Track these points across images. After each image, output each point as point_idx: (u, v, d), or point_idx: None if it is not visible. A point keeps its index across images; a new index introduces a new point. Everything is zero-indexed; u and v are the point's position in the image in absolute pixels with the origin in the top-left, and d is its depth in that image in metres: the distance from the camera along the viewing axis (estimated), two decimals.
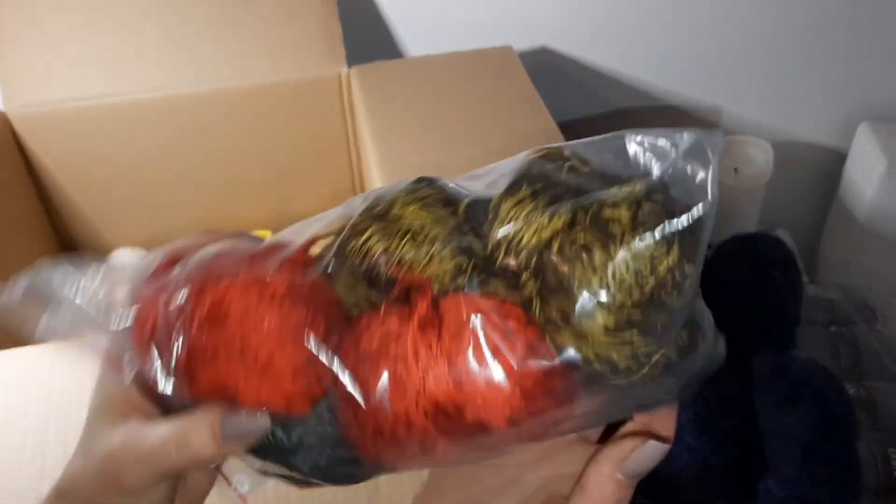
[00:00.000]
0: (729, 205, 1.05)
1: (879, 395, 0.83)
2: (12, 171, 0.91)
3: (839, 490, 0.68)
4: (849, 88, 1.13)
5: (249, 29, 0.91)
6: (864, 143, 1.10)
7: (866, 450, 0.76)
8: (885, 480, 0.75)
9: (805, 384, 0.72)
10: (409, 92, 0.91)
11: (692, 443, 0.69)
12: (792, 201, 1.25)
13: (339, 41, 0.93)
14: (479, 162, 0.37)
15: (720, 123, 1.17)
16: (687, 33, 1.08)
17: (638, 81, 1.13)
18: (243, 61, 0.91)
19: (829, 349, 0.89)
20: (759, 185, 1.04)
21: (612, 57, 1.11)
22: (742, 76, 1.12)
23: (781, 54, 1.10)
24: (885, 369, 0.87)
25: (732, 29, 1.07)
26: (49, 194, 0.96)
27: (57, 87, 0.89)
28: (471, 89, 0.92)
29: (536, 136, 0.83)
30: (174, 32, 0.90)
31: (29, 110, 0.89)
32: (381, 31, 1.06)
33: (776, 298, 0.82)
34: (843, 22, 1.06)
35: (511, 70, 0.96)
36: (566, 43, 1.09)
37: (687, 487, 0.70)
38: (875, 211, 1.08)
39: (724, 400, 0.72)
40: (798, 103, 1.15)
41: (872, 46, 1.08)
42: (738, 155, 1.07)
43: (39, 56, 0.89)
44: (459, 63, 0.97)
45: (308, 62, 0.92)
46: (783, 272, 0.86)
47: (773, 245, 0.89)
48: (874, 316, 0.95)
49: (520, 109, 0.88)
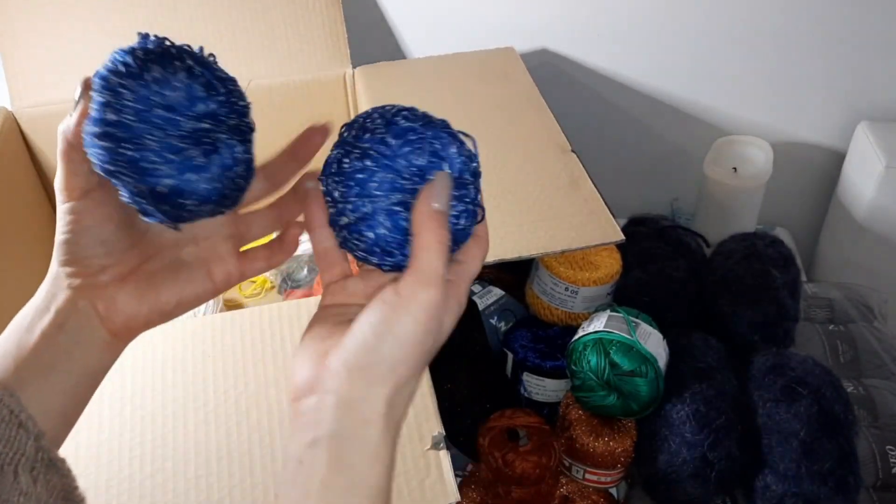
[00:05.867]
0: (728, 204, 1.05)
1: (878, 393, 0.84)
2: (20, 170, 0.91)
3: (837, 486, 0.68)
4: (848, 88, 1.14)
5: (256, 30, 0.92)
6: (862, 142, 1.10)
7: (865, 446, 0.77)
8: (884, 477, 0.76)
9: (803, 381, 0.73)
10: (412, 92, 0.92)
11: (691, 438, 0.70)
12: (791, 200, 1.26)
13: (344, 42, 0.94)
14: (483, 160, 0.39)
15: (720, 123, 1.18)
16: (686, 34, 1.09)
17: (637, 82, 1.14)
18: (250, 62, 0.92)
19: (828, 347, 0.90)
20: (759, 185, 1.04)
21: (611, 58, 1.11)
22: (741, 76, 1.13)
23: (780, 54, 1.10)
24: (883, 367, 0.88)
25: (731, 29, 1.08)
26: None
27: (64, 86, 0.90)
28: (474, 89, 0.92)
29: (539, 135, 0.84)
30: (181, 34, 0.91)
31: (36, 110, 0.90)
32: (385, 32, 1.07)
33: (775, 297, 0.83)
34: (841, 22, 1.07)
35: (513, 70, 0.96)
36: (566, 44, 1.10)
37: (686, 482, 0.71)
38: (874, 210, 1.09)
39: (722, 396, 0.73)
40: (797, 103, 1.16)
41: (871, 47, 1.09)
42: (738, 154, 1.07)
43: (47, 56, 0.90)
44: (462, 63, 0.98)
45: (313, 63, 0.93)
46: (782, 271, 0.87)
47: (773, 244, 0.90)
48: (872, 314, 0.96)
49: (523, 108, 0.89)
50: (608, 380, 0.72)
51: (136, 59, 0.35)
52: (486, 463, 0.72)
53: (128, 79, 0.35)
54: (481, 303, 0.88)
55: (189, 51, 0.37)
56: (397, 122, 0.37)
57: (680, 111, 1.17)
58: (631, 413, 0.73)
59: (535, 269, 0.86)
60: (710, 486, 0.71)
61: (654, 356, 0.72)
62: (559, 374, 0.81)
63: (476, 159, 0.39)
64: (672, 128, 1.19)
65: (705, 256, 0.94)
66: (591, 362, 0.73)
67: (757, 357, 0.78)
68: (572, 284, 0.82)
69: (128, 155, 0.34)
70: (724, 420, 0.71)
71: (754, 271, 0.85)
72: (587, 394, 0.74)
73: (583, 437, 0.74)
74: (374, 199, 0.37)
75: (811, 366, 0.74)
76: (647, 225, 0.95)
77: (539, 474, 0.70)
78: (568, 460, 0.76)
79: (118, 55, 0.36)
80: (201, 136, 0.36)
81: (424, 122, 0.38)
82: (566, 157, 0.81)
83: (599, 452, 0.73)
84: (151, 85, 0.35)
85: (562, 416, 0.78)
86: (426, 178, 0.37)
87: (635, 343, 0.72)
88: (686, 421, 0.71)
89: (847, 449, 0.69)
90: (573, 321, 0.84)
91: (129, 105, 0.34)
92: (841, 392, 0.73)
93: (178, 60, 0.36)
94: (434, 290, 0.35)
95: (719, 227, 1.02)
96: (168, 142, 0.35)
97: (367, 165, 0.37)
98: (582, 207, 0.74)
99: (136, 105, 0.35)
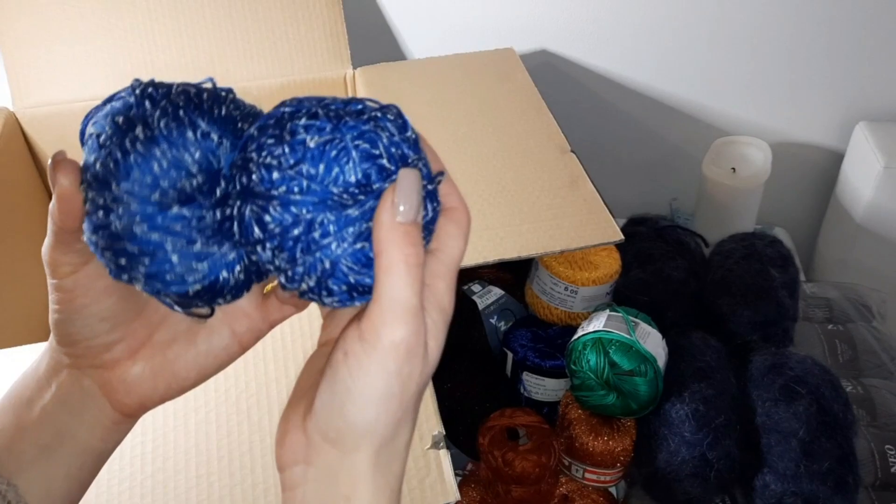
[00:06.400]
0: (727, 204, 1.05)
1: (877, 392, 0.84)
2: (21, 170, 0.91)
3: (836, 485, 0.69)
4: (846, 89, 1.14)
5: (256, 31, 0.92)
6: (861, 142, 1.10)
7: (864, 446, 0.77)
8: (883, 476, 0.76)
9: (802, 381, 0.73)
10: (412, 92, 0.92)
11: (691, 438, 0.70)
12: (790, 200, 1.26)
13: (345, 43, 0.94)
14: (483, 160, 0.38)
15: (719, 124, 1.18)
16: (685, 35, 1.09)
17: (636, 83, 1.14)
18: (250, 62, 0.92)
19: (827, 347, 0.90)
20: (758, 185, 1.04)
21: (611, 58, 1.12)
22: (740, 77, 1.13)
23: (779, 55, 1.10)
24: (882, 366, 0.88)
25: (730, 30, 1.08)
26: None
27: (65, 87, 0.90)
28: (474, 89, 0.93)
29: (539, 135, 0.84)
30: (182, 34, 0.91)
31: (38, 110, 0.90)
32: (385, 33, 1.07)
33: (774, 296, 0.83)
34: (840, 22, 1.07)
35: (513, 71, 0.96)
36: (566, 45, 1.10)
37: (685, 482, 0.71)
38: (872, 210, 1.09)
39: (722, 396, 0.73)
40: (796, 103, 1.16)
41: (870, 47, 1.09)
42: (737, 155, 1.07)
43: (48, 56, 0.90)
44: (462, 64, 0.98)
45: (314, 63, 0.94)
46: (781, 271, 0.87)
47: (772, 244, 0.90)
48: (871, 314, 0.96)
49: (522, 109, 0.89)
50: (607, 379, 0.72)
51: (131, 134, 0.28)
52: (486, 462, 0.72)
53: (127, 167, 0.28)
54: (481, 302, 0.88)
55: (200, 99, 0.29)
56: (297, 134, 0.28)
57: (679, 111, 1.17)
58: (630, 412, 0.73)
59: (535, 269, 0.86)
60: (709, 486, 0.71)
61: (654, 356, 0.73)
62: (559, 374, 0.81)
63: (407, 127, 0.30)
64: (671, 128, 1.19)
65: (704, 256, 0.94)
66: (591, 362, 0.73)
67: (756, 357, 0.78)
68: (572, 284, 0.82)
69: (144, 271, 0.29)
70: (723, 419, 0.71)
71: (753, 271, 0.85)
72: (586, 393, 0.74)
73: (582, 437, 0.74)
74: (324, 249, 0.28)
75: (810, 365, 0.74)
76: (646, 225, 0.95)
77: (539, 473, 0.70)
78: (567, 459, 0.77)
79: (104, 124, 0.28)
80: (229, 226, 0.29)
81: (332, 115, 0.29)
82: (566, 157, 0.81)
83: (599, 452, 0.74)
84: (160, 174, 0.28)
85: (561, 416, 0.78)
86: (375, 187, 0.28)
87: (634, 343, 0.72)
88: (685, 420, 0.71)
89: (846, 448, 0.69)
90: (573, 321, 0.84)
91: (134, 210, 0.28)
92: (840, 391, 0.73)
93: (188, 117, 0.29)
94: (402, 328, 0.27)
95: (718, 227, 1.02)
96: (191, 250, 0.29)
97: (298, 213, 0.28)
98: (581, 207, 0.74)
99: (144, 210, 0.28)
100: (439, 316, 0.29)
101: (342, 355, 0.28)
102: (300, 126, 0.28)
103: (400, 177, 0.28)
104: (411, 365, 0.28)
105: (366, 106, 0.29)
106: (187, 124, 0.29)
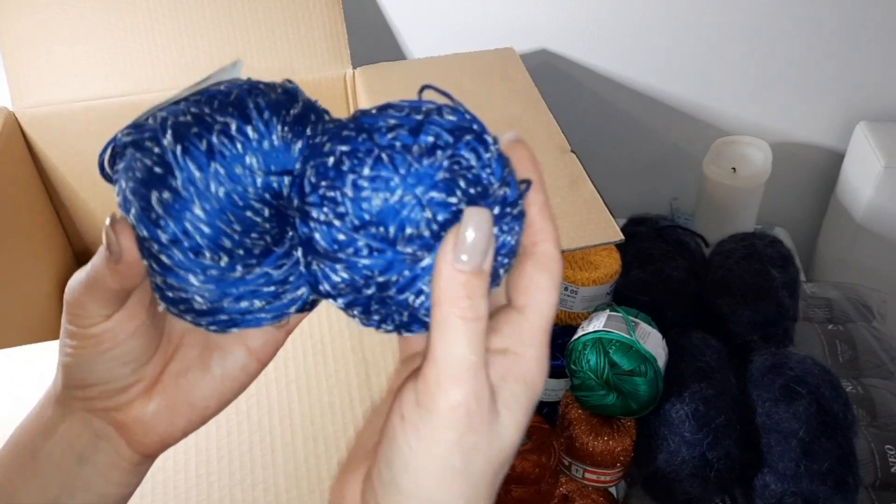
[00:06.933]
0: (728, 204, 1.06)
1: (876, 392, 0.84)
2: (21, 170, 0.91)
3: (836, 485, 0.69)
4: (846, 88, 1.14)
5: (256, 31, 0.92)
6: (861, 142, 1.11)
7: (864, 446, 0.77)
8: (883, 476, 0.76)
9: (802, 381, 0.73)
10: (412, 92, 0.92)
11: (691, 438, 0.70)
12: (790, 200, 1.26)
13: (345, 43, 0.94)
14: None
15: (719, 124, 1.18)
16: (685, 35, 1.09)
17: (636, 82, 1.14)
18: (250, 62, 0.92)
19: (827, 347, 0.90)
20: (758, 185, 1.04)
21: (611, 58, 1.12)
22: (740, 76, 1.13)
23: (779, 55, 1.10)
24: (882, 366, 0.88)
25: (730, 30, 1.08)
26: (57, 193, 0.97)
27: (65, 86, 0.90)
28: (474, 89, 0.92)
29: (539, 135, 0.84)
30: (182, 34, 0.91)
31: (37, 110, 0.90)
32: (385, 33, 1.07)
33: (774, 296, 0.83)
34: (840, 22, 1.07)
35: (513, 70, 0.96)
36: (566, 44, 1.10)
37: (685, 482, 0.71)
38: (872, 210, 1.09)
39: (722, 396, 0.73)
40: (796, 103, 1.16)
41: (870, 47, 1.09)
42: (737, 154, 1.07)
43: (48, 56, 0.90)
44: (462, 63, 0.98)
45: (314, 63, 0.94)
46: (781, 271, 0.87)
47: (772, 244, 0.90)
48: (871, 314, 0.96)
49: (522, 108, 0.89)
50: (607, 379, 0.72)
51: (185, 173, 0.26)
52: None
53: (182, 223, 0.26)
54: None
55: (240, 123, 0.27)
56: (361, 190, 0.25)
57: (679, 111, 1.17)
58: (630, 412, 0.73)
59: None
60: (709, 486, 0.71)
61: (654, 356, 0.73)
62: (558, 374, 0.81)
63: (488, 146, 0.26)
64: (671, 128, 1.19)
65: (704, 256, 0.94)
66: (591, 362, 0.73)
67: (756, 356, 0.78)
68: (572, 284, 0.82)
69: (207, 320, 0.28)
70: (723, 419, 0.71)
71: (753, 271, 0.85)
72: (586, 393, 0.74)
73: (582, 437, 0.74)
74: (401, 303, 0.26)
75: (810, 365, 0.74)
76: (646, 225, 0.95)
77: (539, 473, 0.70)
78: (567, 459, 0.77)
79: (151, 155, 0.26)
80: (288, 276, 0.28)
81: (398, 160, 0.25)
82: (566, 157, 0.81)
83: (599, 451, 0.74)
84: (237, 240, 0.26)
85: (561, 416, 0.78)
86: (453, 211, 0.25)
87: (634, 343, 0.72)
88: (685, 420, 0.71)
89: (846, 448, 0.70)
90: (573, 321, 0.84)
91: (199, 282, 0.27)
92: (840, 391, 0.73)
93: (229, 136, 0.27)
94: (458, 390, 0.24)
95: (718, 227, 1.02)
96: (278, 302, 0.28)
97: (370, 275, 0.25)
98: (581, 207, 0.74)
99: (210, 278, 0.27)
100: (520, 388, 0.25)
101: (399, 419, 0.25)
102: (362, 179, 0.25)
103: (465, 219, 0.24)
104: (476, 434, 0.24)
105: (439, 134, 0.25)
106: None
